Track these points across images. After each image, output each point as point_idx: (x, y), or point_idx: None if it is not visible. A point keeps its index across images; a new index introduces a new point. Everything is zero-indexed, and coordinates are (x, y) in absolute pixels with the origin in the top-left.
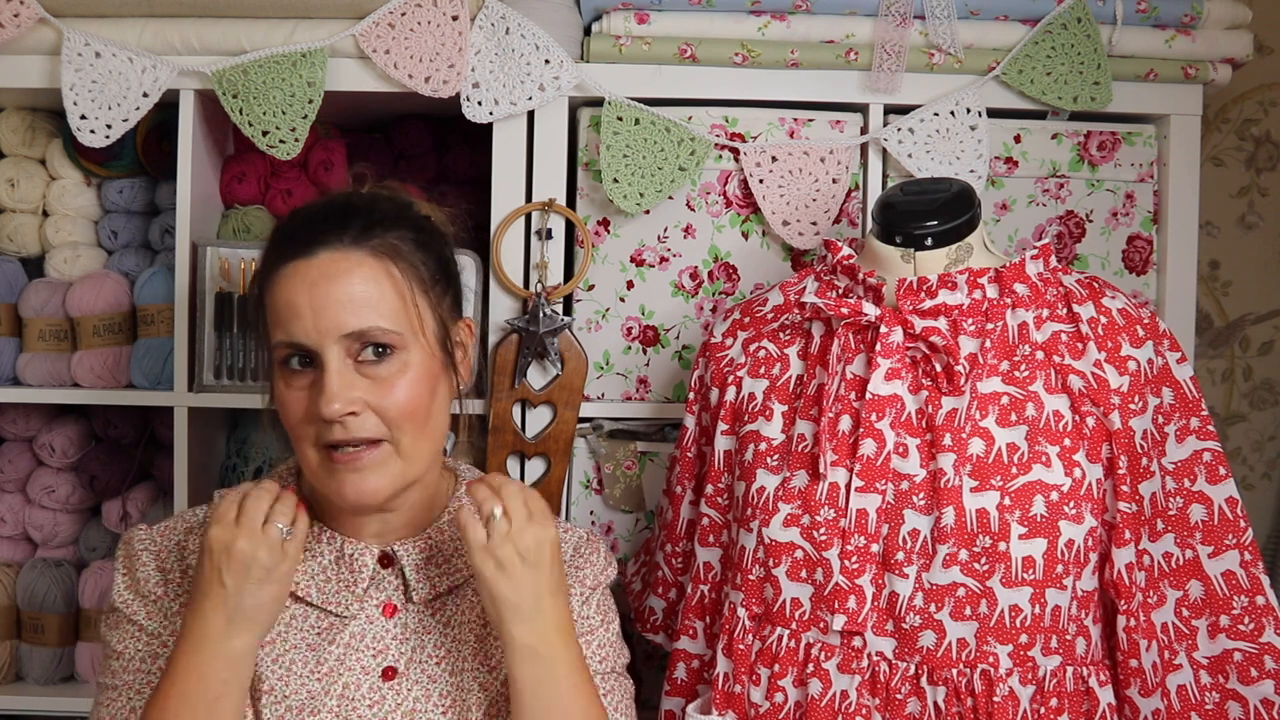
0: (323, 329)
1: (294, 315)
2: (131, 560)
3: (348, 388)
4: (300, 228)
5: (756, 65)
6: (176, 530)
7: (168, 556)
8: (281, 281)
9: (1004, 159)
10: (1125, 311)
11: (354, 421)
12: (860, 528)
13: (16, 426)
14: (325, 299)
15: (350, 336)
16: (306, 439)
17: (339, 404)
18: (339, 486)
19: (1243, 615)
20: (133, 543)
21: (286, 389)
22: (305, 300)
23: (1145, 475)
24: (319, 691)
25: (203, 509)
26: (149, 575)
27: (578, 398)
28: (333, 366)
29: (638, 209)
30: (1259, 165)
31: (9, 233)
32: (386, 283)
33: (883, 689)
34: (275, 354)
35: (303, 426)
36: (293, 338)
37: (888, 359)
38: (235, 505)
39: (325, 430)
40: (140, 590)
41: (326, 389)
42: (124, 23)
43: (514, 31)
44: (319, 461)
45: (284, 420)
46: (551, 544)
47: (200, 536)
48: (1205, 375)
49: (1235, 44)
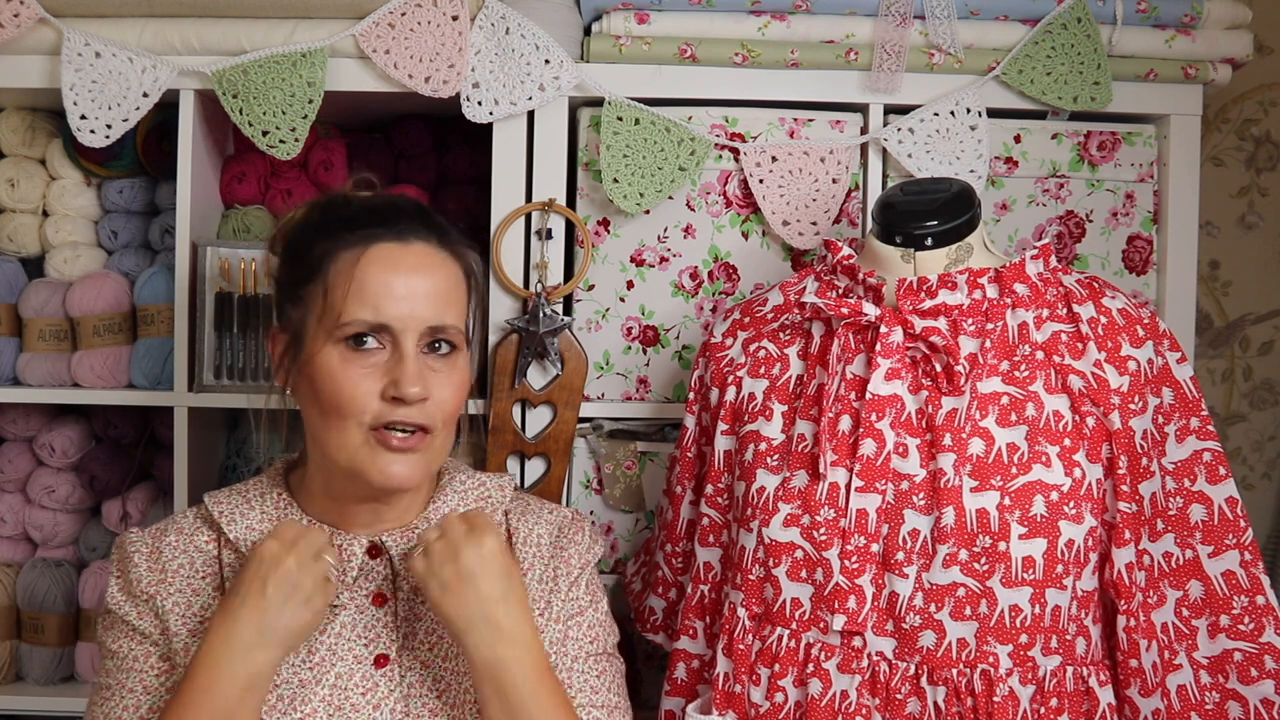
0: (414, 315)
1: (388, 297)
2: (124, 563)
3: (423, 374)
4: (390, 214)
5: (756, 65)
6: (167, 532)
7: (158, 557)
8: (374, 259)
9: (1004, 159)
10: (1125, 311)
11: (419, 407)
12: (860, 528)
13: (16, 426)
14: (419, 288)
15: (432, 329)
16: (357, 417)
17: (419, 387)
18: (383, 466)
19: (1243, 615)
20: (125, 545)
21: (345, 365)
22: (402, 285)
23: (1145, 475)
24: (310, 680)
25: (194, 511)
26: (140, 576)
27: (578, 398)
28: (411, 352)
29: (638, 209)
30: (1259, 165)
31: (9, 233)
32: (462, 288)
33: (883, 689)
34: (344, 329)
35: (358, 403)
36: (381, 319)
37: (888, 359)
38: (295, 530)
39: (390, 410)
40: (132, 592)
41: (409, 371)
42: (124, 23)
43: (514, 31)
44: (362, 441)
45: (329, 395)
46: (494, 554)
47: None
48: (1205, 375)
49: (1235, 44)
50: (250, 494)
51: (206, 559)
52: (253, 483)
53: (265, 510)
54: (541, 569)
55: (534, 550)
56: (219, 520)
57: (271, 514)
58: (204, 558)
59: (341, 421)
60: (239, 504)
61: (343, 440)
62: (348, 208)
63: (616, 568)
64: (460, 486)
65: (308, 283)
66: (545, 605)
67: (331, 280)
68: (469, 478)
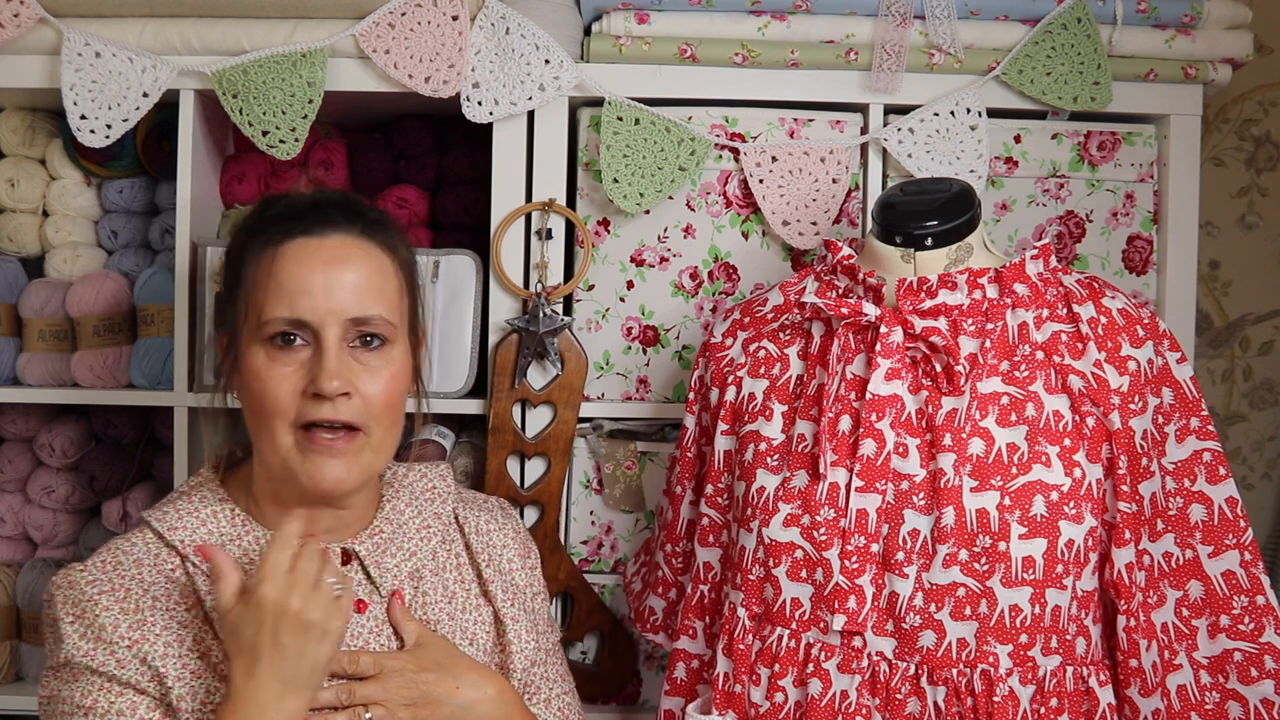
0: (330, 308)
1: (303, 291)
2: (83, 606)
3: (344, 368)
4: (309, 209)
5: (756, 65)
6: (121, 563)
7: (127, 595)
8: (288, 256)
9: (1004, 159)
10: (1125, 311)
11: (344, 403)
12: (860, 528)
13: (16, 426)
14: (337, 280)
15: (353, 321)
16: (283, 417)
17: (338, 381)
18: (313, 470)
19: (1243, 615)
20: (78, 586)
21: (270, 365)
22: (318, 278)
23: (1145, 475)
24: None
25: (139, 535)
26: (112, 621)
27: (578, 398)
28: (332, 345)
29: (638, 209)
30: (1259, 165)
31: (9, 233)
32: (390, 276)
33: (883, 689)
34: (265, 329)
35: (282, 402)
36: (297, 314)
37: (888, 359)
38: (286, 562)
39: (311, 408)
40: (105, 638)
41: (326, 366)
42: (124, 23)
43: (514, 31)
44: (292, 444)
45: (256, 397)
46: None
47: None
48: (1205, 375)
49: (1235, 44)
50: (198, 510)
51: (180, 587)
52: (193, 495)
53: (220, 527)
54: (492, 557)
55: (484, 540)
56: (182, 550)
57: (226, 529)
58: (178, 587)
59: (269, 422)
60: (191, 523)
61: (274, 443)
62: (273, 207)
63: (616, 568)
64: (405, 482)
65: (237, 284)
66: (509, 600)
67: (253, 280)
68: (410, 471)
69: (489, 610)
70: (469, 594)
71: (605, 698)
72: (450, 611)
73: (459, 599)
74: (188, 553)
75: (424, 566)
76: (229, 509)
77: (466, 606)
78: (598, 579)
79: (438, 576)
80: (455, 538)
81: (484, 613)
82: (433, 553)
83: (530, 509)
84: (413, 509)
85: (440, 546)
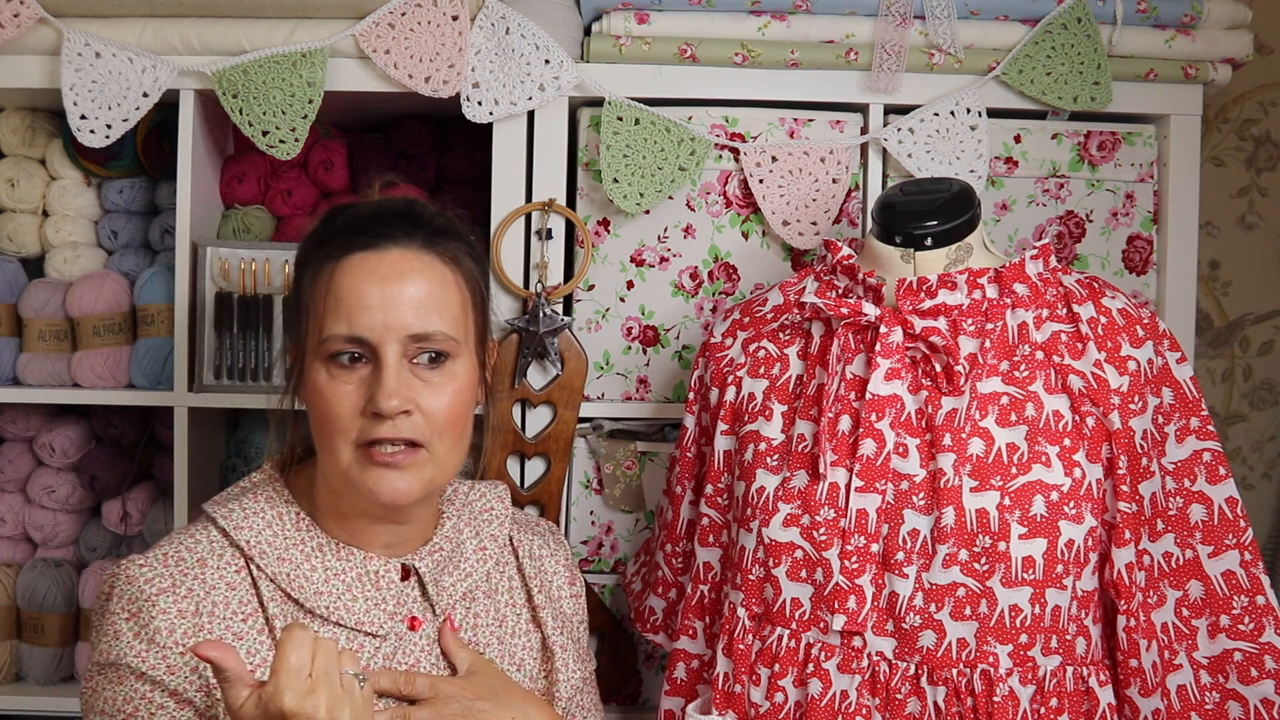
0: (389, 325)
1: (361, 308)
2: (140, 605)
3: (405, 386)
4: (369, 222)
5: (756, 65)
6: (187, 562)
7: (189, 597)
8: (346, 272)
9: (1004, 159)
10: (1125, 311)
11: (404, 421)
12: (860, 528)
13: (16, 426)
14: (396, 296)
15: (413, 338)
16: (344, 435)
17: (397, 400)
18: (373, 484)
19: (1243, 615)
20: (136, 582)
21: (331, 382)
22: (376, 295)
23: (1145, 475)
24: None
25: (203, 530)
26: (169, 625)
27: (578, 398)
28: (391, 363)
29: (638, 209)
30: (1259, 165)
31: (9, 233)
32: (452, 290)
33: (883, 689)
34: (324, 346)
35: (343, 421)
36: (355, 331)
37: (887, 359)
38: (305, 665)
39: (372, 426)
40: (159, 640)
41: (385, 384)
42: (124, 23)
43: (514, 31)
44: (353, 460)
45: (319, 414)
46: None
47: (256, 705)
48: (1205, 375)
49: (1235, 44)
50: (264, 510)
51: (241, 595)
52: (258, 494)
53: (284, 530)
54: (544, 583)
55: (537, 565)
56: (248, 551)
57: (291, 533)
58: (237, 594)
59: (331, 440)
60: (256, 524)
61: (335, 459)
62: (336, 218)
63: (616, 568)
64: (465, 501)
65: (300, 299)
66: (559, 627)
67: (313, 295)
68: (470, 490)
69: (537, 636)
70: (519, 619)
71: (605, 698)
72: (500, 635)
73: (509, 623)
74: (253, 554)
75: (478, 588)
76: (294, 512)
77: (516, 631)
78: (598, 579)
79: (490, 599)
80: (509, 560)
81: (533, 638)
82: (487, 574)
83: (530, 509)
84: (471, 529)
85: (495, 569)
